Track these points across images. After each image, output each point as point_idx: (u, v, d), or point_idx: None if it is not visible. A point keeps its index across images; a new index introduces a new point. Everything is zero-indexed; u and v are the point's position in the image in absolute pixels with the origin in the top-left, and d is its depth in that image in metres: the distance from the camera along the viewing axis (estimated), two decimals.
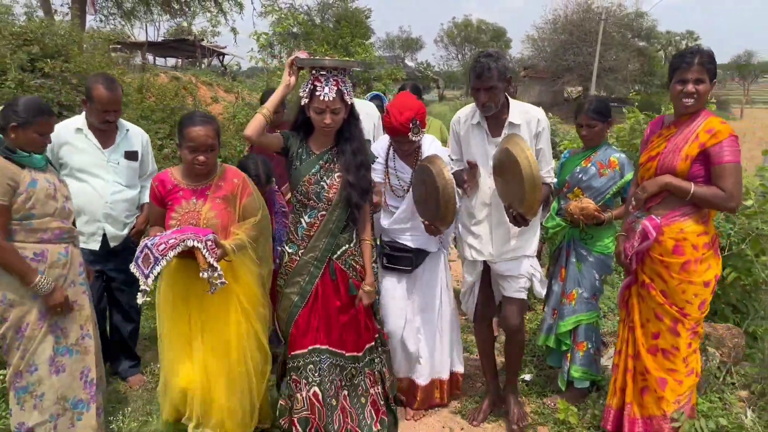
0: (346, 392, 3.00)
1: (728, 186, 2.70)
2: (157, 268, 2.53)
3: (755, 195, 3.87)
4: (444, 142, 4.66)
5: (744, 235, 3.89)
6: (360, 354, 3.02)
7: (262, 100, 3.47)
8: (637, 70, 37.69)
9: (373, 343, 3.10)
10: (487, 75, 3.04)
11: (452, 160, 3.48)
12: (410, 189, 3.40)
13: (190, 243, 2.55)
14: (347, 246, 2.96)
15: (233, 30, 20.13)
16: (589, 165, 3.56)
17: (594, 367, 3.62)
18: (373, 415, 3.05)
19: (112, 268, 3.61)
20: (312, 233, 2.90)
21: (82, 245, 3.19)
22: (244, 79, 14.87)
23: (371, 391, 3.06)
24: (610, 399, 3.16)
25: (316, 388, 2.94)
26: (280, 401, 3.06)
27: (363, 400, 3.04)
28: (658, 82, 36.40)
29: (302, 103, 2.81)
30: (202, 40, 20.05)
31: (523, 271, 3.33)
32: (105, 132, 3.54)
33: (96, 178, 3.47)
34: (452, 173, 3.30)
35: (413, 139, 3.23)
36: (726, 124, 2.75)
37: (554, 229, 3.74)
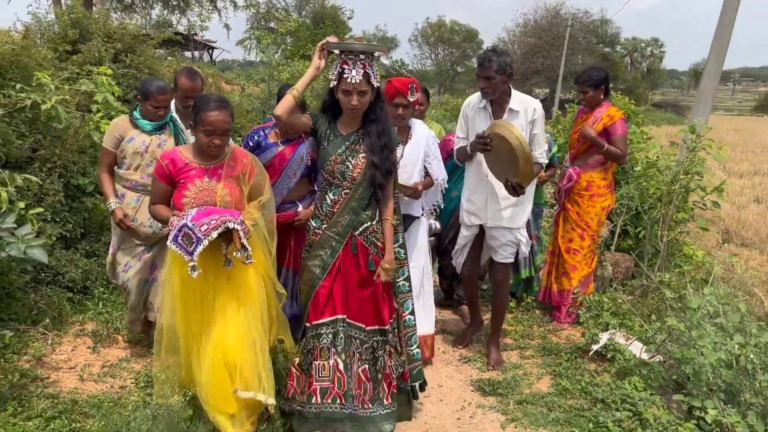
0: (366, 366, 3.03)
1: (621, 148, 4.59)
2: (200, 247, 2.59)
3: (641, 163, 5.63)
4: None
5: (642, 200, 5.63)
6: (381, 328, 3.06)
7: (279, 95, 3.69)
8: None
9: (392, 321, 3.11)
10: (486, 65, 3.61)
11: (459, 138, 4.03)
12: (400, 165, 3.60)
13: (231, 225, 2.65)
14: (369, 223, 3.02)
15: (226, 26, 21.60)
16: None
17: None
18: (386, 389, 3.06)
19: None
20: (335, 210, 2.98)
21: None
22: (241, 71, 16.29)
23: (386, 366, 3.07)
24: (543, 281, 5.07)
25: (338, 358, 2.99)
26: (295, 373, 3.08)
27: (379, 375, 3.04)
28: (621, 87, 38.52)
29: (331, 86, 2.91)
30: (195, 34, 21.35)
31: (513, 239, 3.96)
32: (185, 116, 3.89)
33: None
34: (457, 149, 4.01)
35: (410, 99, 3.68)
36: (619, 112, 4.60)
37: None
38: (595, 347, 4.03)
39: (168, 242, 2.68)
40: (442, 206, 4.36)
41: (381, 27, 46.81)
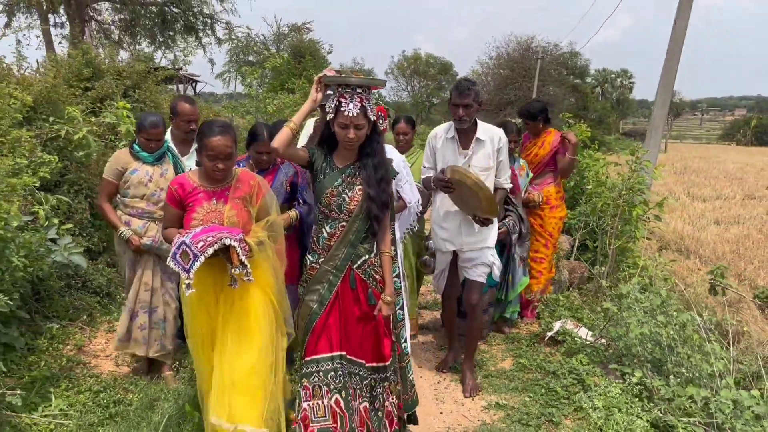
0: (366, 404, 3.00)
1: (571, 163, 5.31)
2: (196, 264, 2.63)
3: (593, 182, 6.46)
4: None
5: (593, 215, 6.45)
6: (382, 365, 3.04)
7: (250, 135, 3.79)
8: (573, 105, 40.72)
9: (392, 357, 3.09)
10: (466, 93, 3.77)
11: (425, 168, 4.16)
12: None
13: (227, 242, 2.69)
14: (367, 256, 2.99)
15: (211, 61, 22.47)
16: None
17: None
18: (387, 426, 3.08)
19: None
20: (332, 243, 2.96)
21: None
22: (228, 102, 17.04)
23: (386, 403, 3.07)
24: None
25: (338, 395, 2.92)
26: (289, 414, 3.12)
27: (380, 413, 3.05)
28: (592, 117, 39.91)
29: (327, 119, 2.89)
30: (180, 68, 22.11)
31: (485, 260, 4.08)
32: (184, 142, 4.17)
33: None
34: (423, 178, 4.14)
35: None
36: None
37: None
38: (549, 333, 4.77)
39: (168, 260, 2.73)
40: (416, 228, 4.35)
41: (358, 60, 47.86)
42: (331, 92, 2.92)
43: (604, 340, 4.56)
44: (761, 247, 10.36)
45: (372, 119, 2.91)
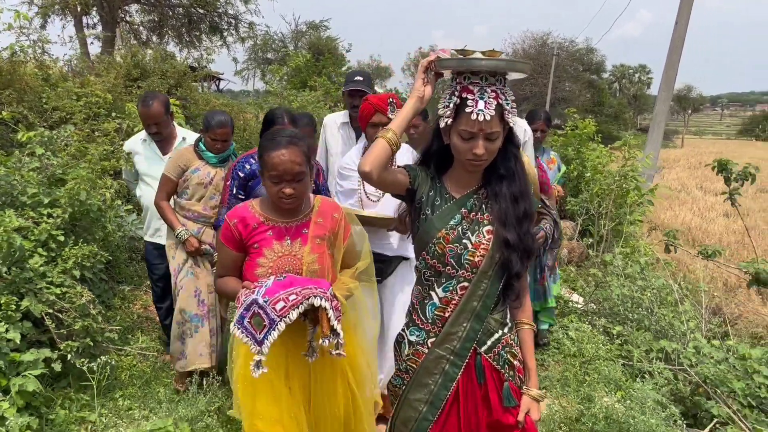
0: None
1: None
2: (274, 334, 1.95)
3: (591, 171, 7.15)
4: None
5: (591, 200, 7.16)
6: None
7: (265, 122, 3.30)
8: (588, 101, 41.12)
9: None
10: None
11: None
12: (384, 195, 3.19)
13: (317, 302, 2.00)
14: (501, 332, 2.04)
15: (234, 60, 23.35)
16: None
17: None
18: None
19: None
20: (447, 314, 2.01)
21: (147, 238, 4.03)
22: (253, 100, 17.86)
23: None
24: None
25: None
26: None
27: None
28: (607, 112, 40.36)
29: (442, 124, 1.95)
30: (205, 67, 23.03)
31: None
32: (164, 141, 3.97)
33: (157, 180, 3.78)
34: None
35: (390, 117, 3.07)
36: None
37: None
38: None
39: (231, 326, 2.06)
40: None
41: (375, 57, 48.55)
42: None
43: (593, 305, 5.26)
44: (766, 237, 10.99)
45: (510, 124, 1.97)
